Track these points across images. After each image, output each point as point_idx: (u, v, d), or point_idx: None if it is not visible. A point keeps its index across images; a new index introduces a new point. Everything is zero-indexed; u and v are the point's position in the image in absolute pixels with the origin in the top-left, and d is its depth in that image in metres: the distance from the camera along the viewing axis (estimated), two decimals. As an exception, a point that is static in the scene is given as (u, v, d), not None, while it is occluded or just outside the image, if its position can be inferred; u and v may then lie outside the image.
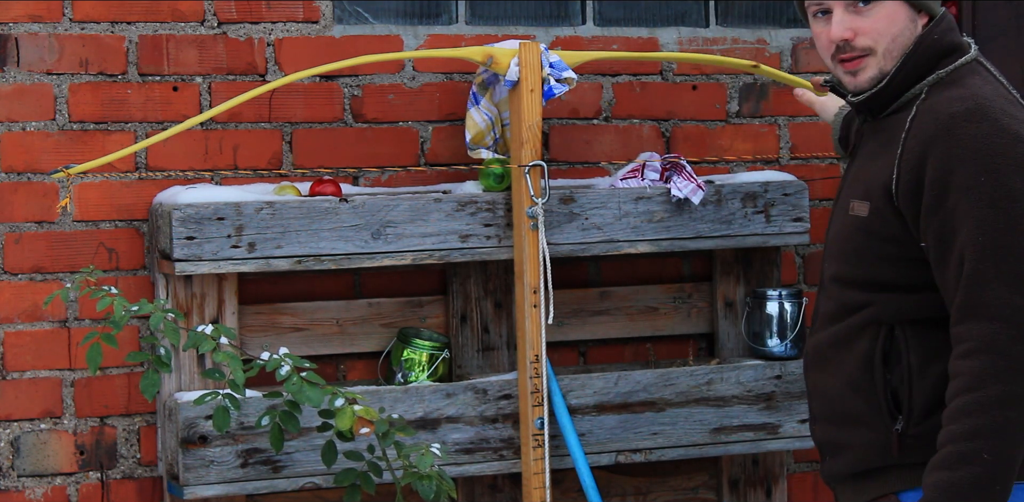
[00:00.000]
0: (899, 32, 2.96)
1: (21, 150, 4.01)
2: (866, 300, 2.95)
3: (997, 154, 2.79)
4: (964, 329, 2.78)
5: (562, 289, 4.24)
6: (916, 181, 2.85)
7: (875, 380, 2.93)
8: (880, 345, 2.92)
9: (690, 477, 4.55)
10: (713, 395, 4.31)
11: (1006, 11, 4.76)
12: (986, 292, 2.76)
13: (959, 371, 2.77)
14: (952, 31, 2.98)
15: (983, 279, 2.77)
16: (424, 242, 4.08)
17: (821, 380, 3.05)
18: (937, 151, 2.82)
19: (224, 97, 4.11)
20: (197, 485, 3.91)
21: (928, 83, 2.94)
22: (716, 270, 4.51)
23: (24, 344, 4.02)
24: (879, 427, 2.93)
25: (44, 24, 4.01)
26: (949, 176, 2.80)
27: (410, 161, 4.32)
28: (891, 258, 2.92)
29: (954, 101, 2.86)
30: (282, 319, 4.17)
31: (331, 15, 4.26)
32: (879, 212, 2.90)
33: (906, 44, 2.96)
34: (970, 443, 2.73)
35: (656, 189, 4.26)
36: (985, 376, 2.74)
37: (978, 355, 2.75)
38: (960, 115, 2.83)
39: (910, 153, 2.86)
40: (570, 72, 4.09)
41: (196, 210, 3.90)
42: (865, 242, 2.94)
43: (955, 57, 2.96)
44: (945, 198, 2.81)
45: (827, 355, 3.02)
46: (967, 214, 2.78)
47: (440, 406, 4.11)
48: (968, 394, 2.75)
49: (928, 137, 2.84)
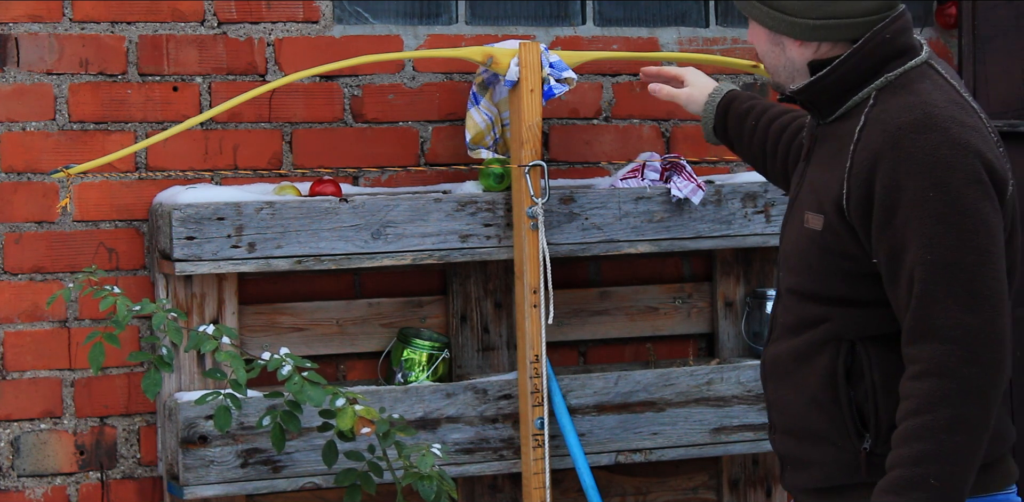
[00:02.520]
0: (764, 53, 2.98)
1: (21, 150, 4.01)
2: (824, 315, 2.89)
3: (946, 166, 2.72)
4: (915, 350, 2.72)
5: (562, 289, 4.24)
6: (866, 197, 2.78)
7: (839, 398, 2.87)
8: (842, 362, 2.87)
9: (690, 477, 4.55)
10: (713, 395, 4.31)
11: (1006, 11, 4.76)
12: (937, 312, 2.70)
13: (909, 393, 2.72)
14: (906, 31, 2.90)
15: (933, 298, 2.70)
16: (424, 242, 4.08)
17: (782, 393, 2.99)
18: (885, 165, 2.75)
19: (224, 97, 4.10)
20: (197, 485, 3.91)
21: (876, 87, 2.87)
22: (716, 270, 4.51)
23: (24, 344, 4.02)
24: (846, 446, 2.88)
25: (44, 24, 4.01)
26: (898, 191, 2.73)
27: (410, 161, 4.32)
28: (847, 273, 2.85)
29: (902, 111, 2.78)
30: (282, 319, 4.17)
31: (331, 15, 4.26)
32: (832, 227, 2.84)
33: (777, 64, 2.96)
34: (918, 468, 2.69)
35: (656, 189, 4.26)
36: (935, 399, 2.69)
37: (928, 377, 2.69)
38: (908, 126, 2.75)
39: (859, 167, 2.79)
40: (570, 72, 4.09)
41: (196, 210, 3.90)
42: (820, 257, 2.87)
43: (905, 59, 2.88)
44: (894, 214, 2.74)
45: (788, 368, 2.96)
46: (916, 231, 2.71)
47: (440, 406, 4.11)
48: (917, 417, 2.70)
49: (876, 150, 2.77)
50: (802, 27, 2.89)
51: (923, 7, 4.82)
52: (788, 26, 2.90)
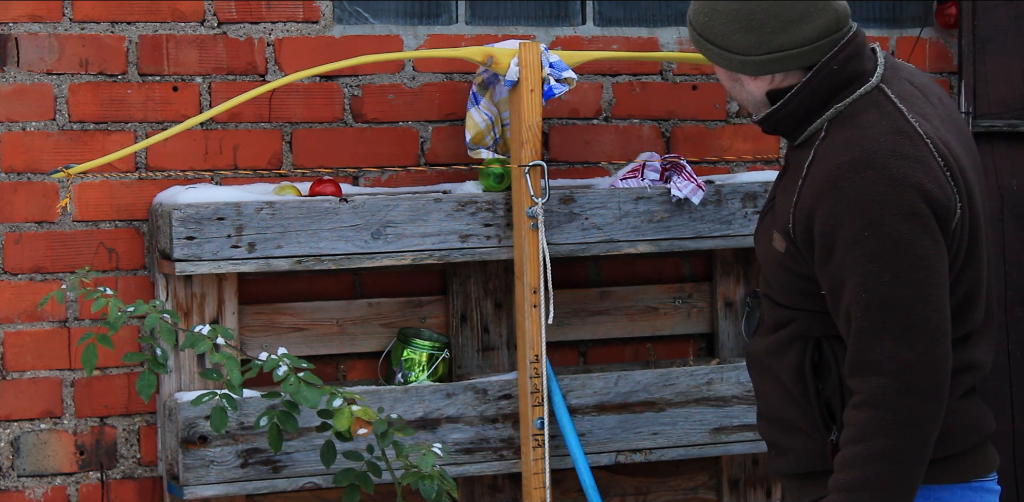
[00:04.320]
0: (728, 88, 3.05)
1: (21, 150, 4.01)
2: (793, 317, 3.01)
3: (881, 204, 2.79)
4: (855, 382, 2.83)
5: (562, 289, 4.24)
6: (807, 232, 2.88)
7: (808, 391, 2.99)
8: (809, 357, 2.98)
9: (690, 477, 4.55)
10: (713, 395, 4.31)
11: (1006, 11, 4.76)
12: (873, 346, 2.80)
13: (850, 421, 2.83)
14: (855, 58, 2.93)
15: (869, 334, 2.80)
16: (424, 242, 4.08)
17: (762, 384, 3.12)
18: (824, 205, 2.84)
19: (224, 97, 4.11)
20: (197, 485, 3.91)
21: (827, 118, 2.92)
22: (716, 270, 4.51)
23: (24, 344, 4.02)
24: (815, 435, 3.00)
25: (44, 24, 4.01)
26: (835, 230, 2.82)
27: (410, 161, 4.32)
28: (807, 292, 2.96)
29: (842, 150, 2.85)
30: (282, 319, 4.17)
31: (331, 15, 4.26)
32: (790, 252, 2.95)
33: (741, 98, 3.03)
34: (852, 495, 2.81)
35: (656, 189, 4.26)
36: (871, 429, 2.80)
37: (866, 408, 2.80)
38: (845, 166, 2.82)
39: (803, 203, 2.88)
40: (570, 72, 4.09)
41: (196, 210, 3.90)
42: (785, 276, 2.99)
43: (853, 88, 2.92)
44: (832, 252, 2.84)
45: (766, 363, 3.08)
46: (852, 270, 2.81)
47: (440, 406, 4.11)
48: (855, 446, 2.81)
49: (817, 190, 2.85)
50: (751, 64, 2.95)
51: (923, 7, 4.82)
52: (739, 64, 2.97)
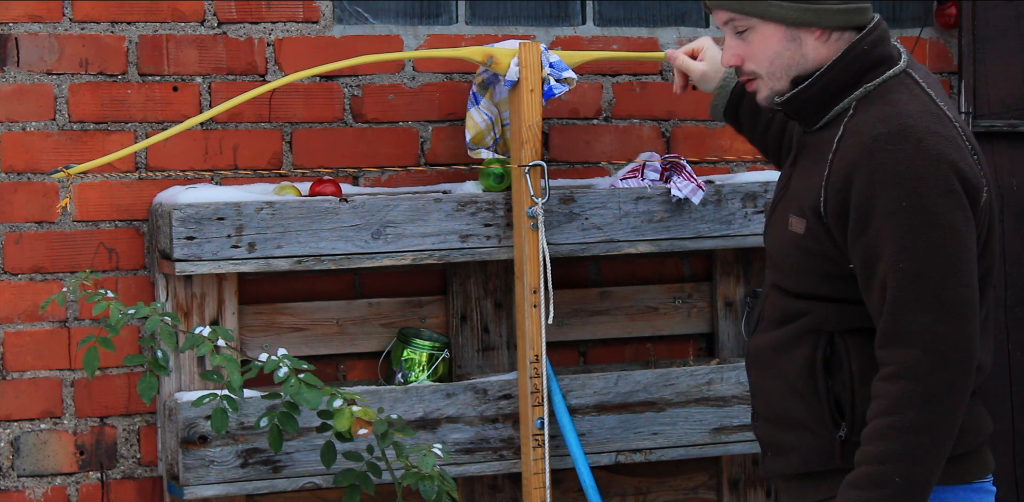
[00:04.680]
0: (776, 54, 2.98)
1: (21, 150, 4.01)
2: (805, 309, 2.99)
3: (919, 177, 2.80)
4: (887, 353, 2.83)
5: (562, 289, 4.24)
6: (842, 205, 2.87)
7: (818, 387, 2.97)
8: (821, 352, 2.97)
9: (690, 477, 4.55)
10: (713, 395, 4.31)
11: (1006, 11, 4.76)
12: (908, 319, 2.80)
13: (880, 393, 2.83)
14: (883, 42, 2.97)
15: (905, 306, 2.80)
16: (424, 242, 4.08)
17: (764, 382, 3.09)
18: (860, 176, 2.84)
19: (224, 97, 4.11)
20: (197, 485, 3.91)
21: (856, 97, 2.94)
22: (716, 270, 4.51)
23: (24, 344, 4.02)
24: (822, 433, 2.98)
25: (44, 24, 4.01)
26: (872, 201, 2.82)
27: (410, 161, 4.32)
28: (828, 275, 2.95)
29: (878, 122, 2.86)
30: (282, 319, 4.17)
31: (331, 15, 4.26)
32: (813, 232, 2.94)
33: (792, 63, 2.98)
34: (883, 466, 2.80)
35: (656, 189, 4.26)
36: (903, 401, 2.80)
37: (898, 380, 2.81)
38: (883, 138, 2.83)
39: (835, 176, 2.88)
40: (570, 72, 4.09)
41: (196, 210, 3.90)
42: (802, 259, 2.97)
43: (883, 69, 2.95)
44: (868, 223, 2.83)
45: (770, 358, 3.06)
46: (889, 240, 2.81)
47: (440, 406, 4.11)
48: (886, 417, 2.81)
49: (852, 161, 2.86)
50: (830, 13, 2.94)
51: (923, 7, 4.82)
52: (814, 14, 2.94)
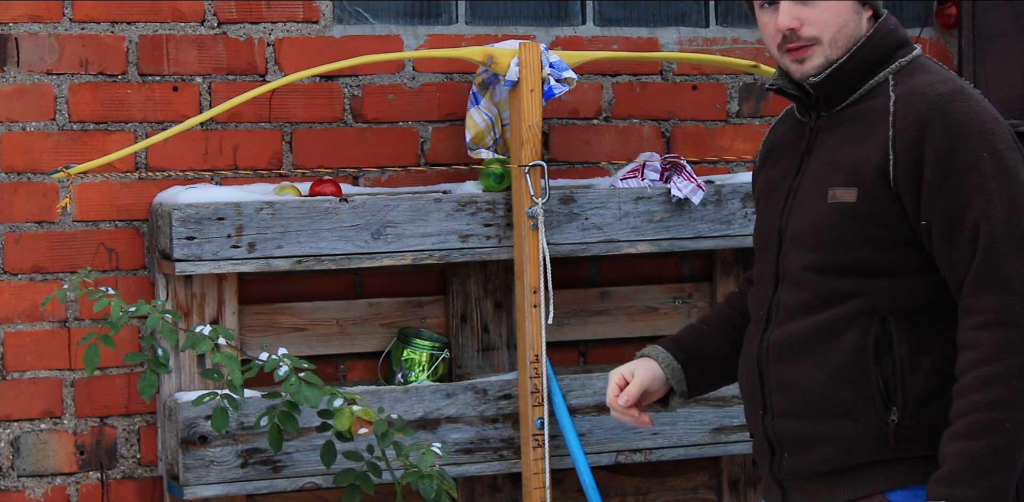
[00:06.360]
0: (845, 23, 2.99)
1: (21, 150, 4.01)
2: (855, 288, 2.92)
3: (990, 132, 2.86)
4: (978, 301, 2.81)
5: (562, 289, 4.24)
6: (915, 161, 2.87)
7: (868, 372, 2.89)
8: (873, 336, 2.90)
9: (690, 477, 4.55)
10: (713, 395, 4.31)
11: (1006, 11, 4.76)
12: (1002, 265, 2.80)
13: (975, 342, 2.79)
14: (900, 27, 3.05)
15: (998, 252, 2.81)
16: (424, 242, 4.08)
17: (793, 373, 2.97)
18: (935, 130, 2.86)
19: (224, 97, 4.11)
20: (197, 485, 3.91)
21: (891, 71, 2.98)
22: (716, 270, 4.51)
23: (24, 344, 4.02)
24: (871, 419, 2.89)
25: (44, 24, 4.01)
26: (952, 153, 2.84)
27: (410, 161, 4.32)
28: (882, 242, 2.91)
29: (935, 83, 2.91)
30: (282, 319, 4.17)
31: (331, 15, 4.26)
32: (870, 196, 2.90)
33: (851, 34, 2.99)
34: (992, 413, 2.75)
35: (656, 189, 4.26)
36: (1004, 347, 2.77)
37: (995, 327, 2.78)
38: (948, 95, 2.88)
39: (904, 134, 2.88)
40: (570, 72, 4.09)
41: (196, 210, 3.90)
42: (853, 227, 2.92)
43: (909, 48, 3.02)
44: (949, 175, 2.84)
45: (804, 348, 2.96)
46: (975, 189, 2.83)
47: (440, 406, 4.11)
48: (987, 365, 2.77)
49: (922, 117, 2.87)
50: None
51: (923, 7, 4.82)
52: None
